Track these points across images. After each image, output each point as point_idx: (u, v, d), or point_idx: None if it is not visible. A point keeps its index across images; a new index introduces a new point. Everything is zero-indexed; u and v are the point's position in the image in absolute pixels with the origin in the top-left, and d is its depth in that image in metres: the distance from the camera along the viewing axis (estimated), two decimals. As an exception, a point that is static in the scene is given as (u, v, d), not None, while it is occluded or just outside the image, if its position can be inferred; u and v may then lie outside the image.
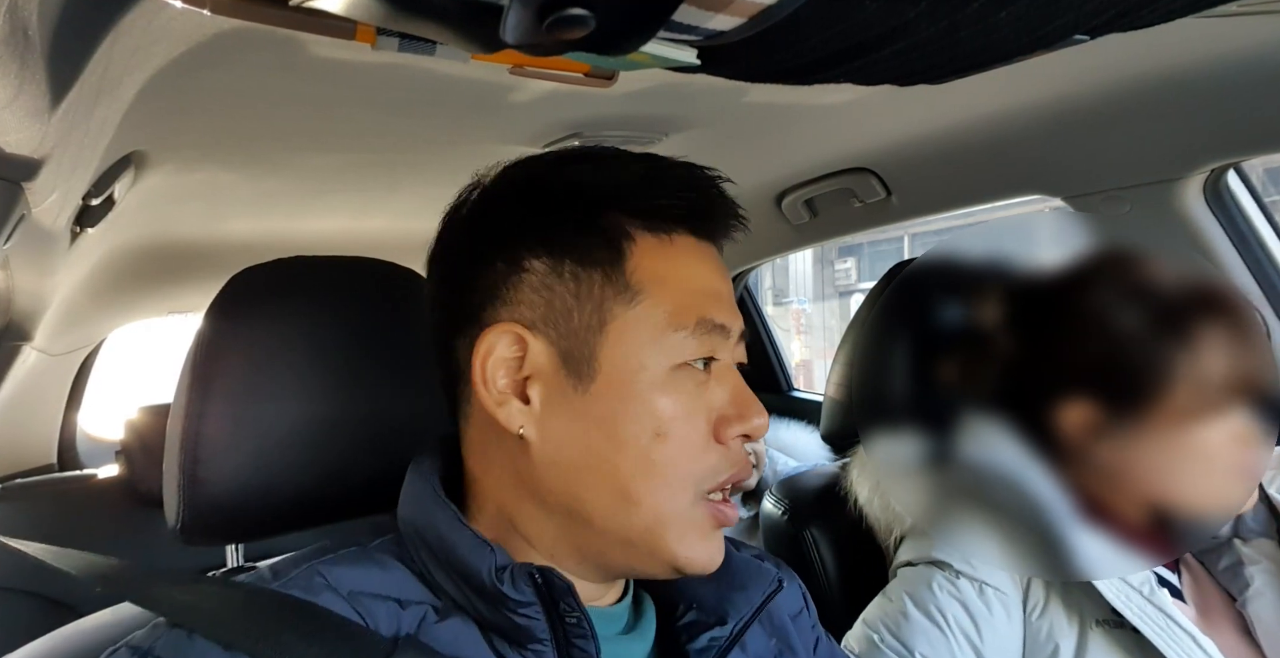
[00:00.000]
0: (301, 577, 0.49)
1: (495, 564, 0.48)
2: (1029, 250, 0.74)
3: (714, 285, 0.53)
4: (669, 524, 0.50)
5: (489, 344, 0.51)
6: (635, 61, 0.44)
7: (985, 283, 0.74)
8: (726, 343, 0.52)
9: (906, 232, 5.64)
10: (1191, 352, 0.67)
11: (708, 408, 0.51)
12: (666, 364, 0.50)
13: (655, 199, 0.52)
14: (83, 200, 0.96)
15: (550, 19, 0.32)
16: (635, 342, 0.50)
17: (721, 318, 0.52)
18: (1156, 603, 0.73)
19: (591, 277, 0.51)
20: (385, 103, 0.94)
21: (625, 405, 0.49)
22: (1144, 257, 0.71)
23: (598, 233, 0.51)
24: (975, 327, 0.75)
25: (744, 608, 0.57)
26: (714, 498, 0.52)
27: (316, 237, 1.60)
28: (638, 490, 0.49)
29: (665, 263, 0.52)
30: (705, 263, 0.54)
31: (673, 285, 0.51)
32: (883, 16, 0.40)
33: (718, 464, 0.51)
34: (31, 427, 2.03)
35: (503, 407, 0.51)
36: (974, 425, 0.73)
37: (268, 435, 0.61)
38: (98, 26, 0.57)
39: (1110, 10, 0.45)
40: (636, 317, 0.50)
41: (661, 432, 0.49)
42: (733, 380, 0.53)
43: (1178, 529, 0.71)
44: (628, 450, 0.49)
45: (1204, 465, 0.69)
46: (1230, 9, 0.62)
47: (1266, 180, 1.18)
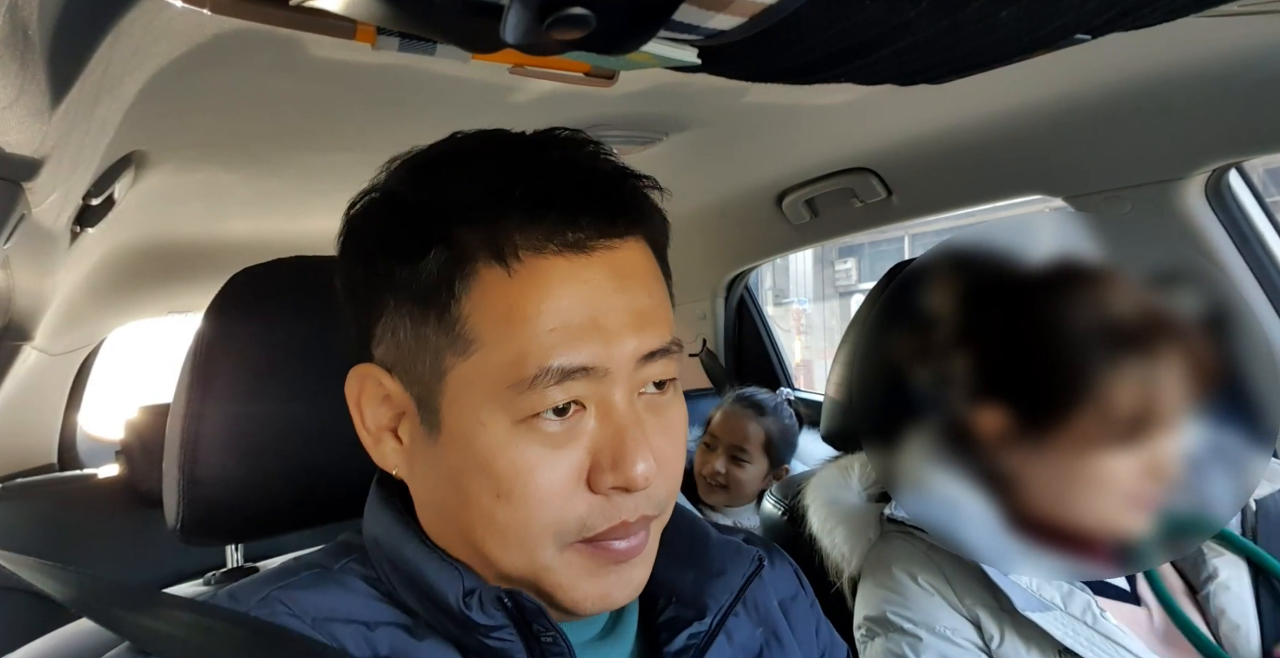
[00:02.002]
0: (261, 606, 0.46)
1: (463, 588, 0.46)
2: (1026, 251, 0.74)
3: (582, 314, 0.44)
4: (539, 574, 0.46)
5: (356, 384, 0.49)
6: (636, 61, 0.44)
7: (972, 283, 0.74)
8: (603, 382, 0.45)
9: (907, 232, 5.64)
10: (1105, 383, 0.67)
11: (573, 455, 0.45)
12: (509, 420, 0.44)
13: (496, 218, 0.44)
14: (83, 200, 0.96)
15: (550, 19, 0.32)
16: (472, 397, 0.44)
17: (582, 359, 0.44)
18: (1102, 631, 0.73)
19: (427, 320, 0.45)
20: (385, 103, 0.94)
21: (466, 462, 0.45)
22: (1100, 276, 0.71)
23: (430, 268, 0.45)
24: (932, 326, 0.75)
25: (723, 596, 0.54)
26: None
27: (316, 237, 1.60)
28: (489, 548, 0.46)
29: (508, 299, 0.44)
30: (574, 286, 0.44)
31: (515, 328, 0.43)
32: (883, 16, 0.40)
33: (585, 516, 0.45)
34: (32, 427, 2.03)
35: (378, 445, 0.49)
36: (922, 423, 0.74)
37: (267, 435, 0.61)
38: (98, 27, 0.57)
39: (1111, 10, 0.45)
40: (472, 369, 0.44)
41: (503, 492, 0.44)
42: (615, 422, 0.45)
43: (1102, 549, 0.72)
44: (472, 509, 0.45)
45: (1099, 492, 0.69)
46: (1231, 9, 0.62)
47: (1268, 180, 1.18)
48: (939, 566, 0.80)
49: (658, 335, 0.47)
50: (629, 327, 0.45)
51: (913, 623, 0.78)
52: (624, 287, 0.46)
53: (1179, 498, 0.70)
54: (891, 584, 0.81)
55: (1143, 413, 0.67)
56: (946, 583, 0.79)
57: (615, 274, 0.46)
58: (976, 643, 0.76)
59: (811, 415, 1.71)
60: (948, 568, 0.79)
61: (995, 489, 0.72)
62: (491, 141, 0.48)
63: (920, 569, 0.80)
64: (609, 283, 0.46)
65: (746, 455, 1.61)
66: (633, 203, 0.48)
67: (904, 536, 0.84)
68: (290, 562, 0.52)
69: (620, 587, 0.48)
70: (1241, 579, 0.80)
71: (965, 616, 0.77)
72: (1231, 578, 0.79)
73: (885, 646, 0.79)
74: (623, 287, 0.46)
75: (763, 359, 2.13)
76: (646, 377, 0.47)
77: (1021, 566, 0.75)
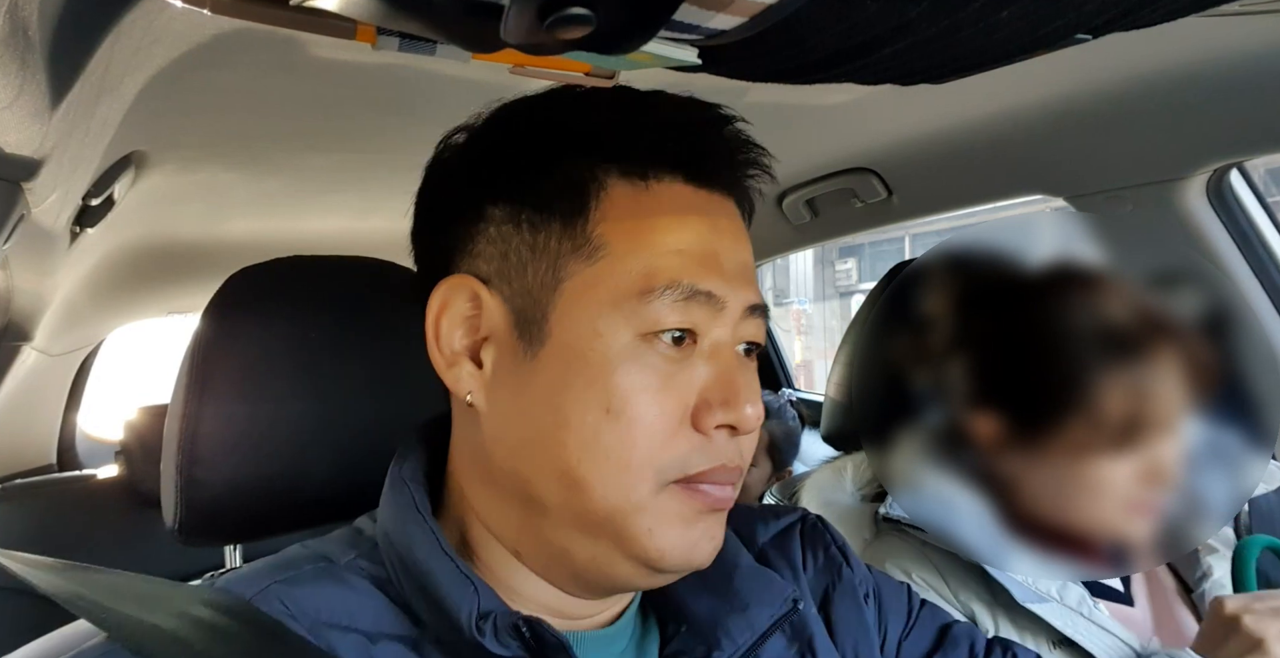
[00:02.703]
0: (260, 600, 0.43)
1: (478, 609, 0.42)
2: (1022, 253, 0.74)
3: (706, 245, 0.44)
4: (629, 514, 0.43)
5: (442, 298, 0.46)
6: (636, 61, 0.44)
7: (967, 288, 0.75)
8: (719, 317, 0.44)
9: (907, 232, 5.64)
10: (1098, 389, 0.67)
11: (683, 388, 0.43)
12: (629, 333, 0.42)
13: (633, 137, 0.45)
14: (83, 200, 0.96)
15: (551, 18, 0.32)
16: (591, 304, 0.43)
17: (708, 284, 0.43)
18: (1098, 622, 0.74)
19: (549, 228, 0.44)
20: (385, 103, 0.94)
21: (574, 376, 0.42)
22: (1095, 280, 0.70)
23: (560, 177, 0.44)
24: (928, 330, 0.76)
25: (742, 635, 0.48)
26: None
27: (316, 237, 1.60)
28: (585, 474, 0.42)
29: (640, 214, 0.44)
30: (699, 217, 0.45)
31: (645, 241, 0.43)
32: (884, 16, 0.40)
33: (688, 455, 0.43)
34: (31, 427, 2.03)
35: (452, 369, 0.46)
36: (920, 425, 0.74)
37: (265, 435, 0.61)
38: (98, 27, 0.56)
39: (1112, 10, 0.45)
40: (595, 275, 0.43)
41: (613, 409, 0.42)
42: (724, 361, 0.44)
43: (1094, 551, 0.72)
44: (573, 428, 0.42)
45: (1097, 498, 0.69)
46: (1232, 8, 0.62)
47: (1269, 180, 1.18)
48: (933, 562, 0.80)
49: (759, 294, 0.47)
50: (740, 274, 0.46)
51: None
52: (738, 235, 0.47)
53: (1178, 502, 0.70)
54: None
55: (1137, 419, 0.67)
56: (941, 579, 0.79)
57: (732, 222, 0.47)
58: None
59: (812, 416, 1.72)
60: (942, 564, 0.80)
61: (992, 491, 0.72)
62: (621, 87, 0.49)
63: (915, 566, 0.81)
64: (729, 227, 0.46)
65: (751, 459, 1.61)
66: (749, 163, 0.49)
67: (898, 533, 0.85)
68: (293, 549, 0.48)
69: (705, 541, 0.45)
70: None
71: (960, 610, 0.78)
72: (1226, 576, 0.80)
73: None
74: (737, 234, 0.47)
75: (763, 359, 2.12)
76: (747, 333, 0.46)
77: (1018, 564, 0.76)
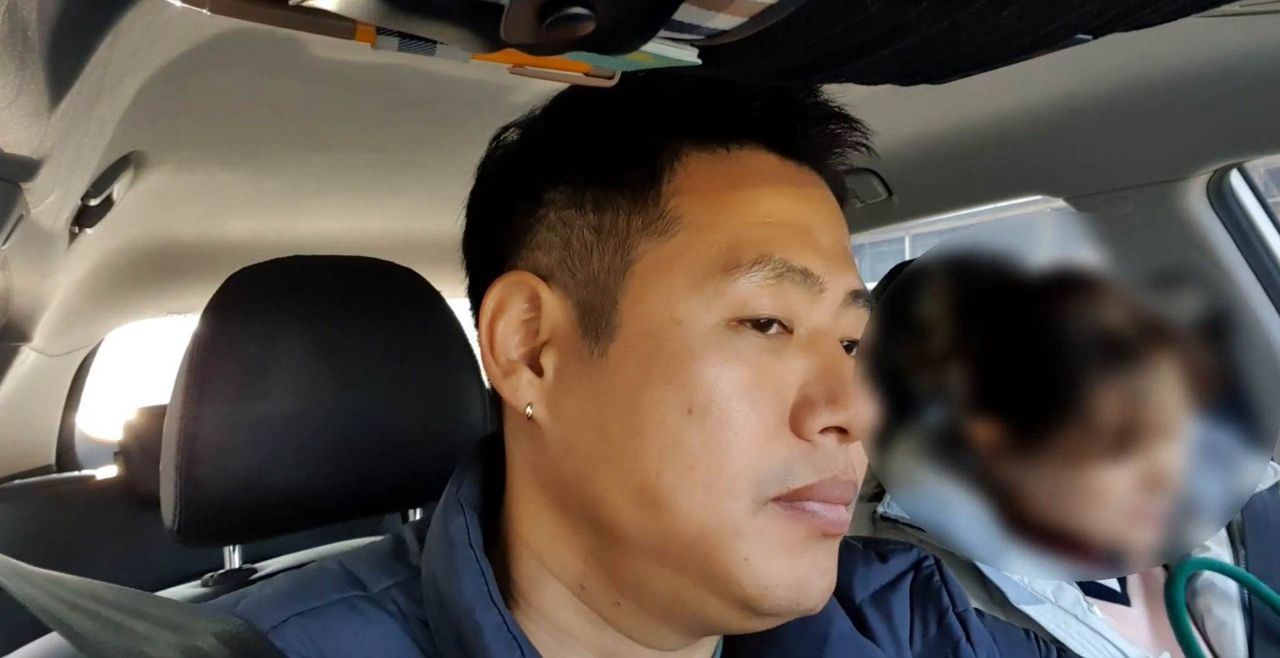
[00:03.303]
0: (278, 635, 0.38)
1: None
2: (1019, 256, 0.74)
3: (800, 218, 0.38)
4: (722, 538, 0.35)
5: (497, 299, 0.41)
6: (636, 61, 0.44)
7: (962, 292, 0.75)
8: (818, 300, 0.38)
9: (908, 232, 5.63)
10: (1094, 396, 0.67)
11: (780, 385, 0.37)
12: (713, 318, 0.36)
13: (709, 104, 0.39)
14: (82, 201, 0.96)
15: (551, 18, 0.32)
16: (667, 287, 0.37)
17: (804, 261, 0.37)
18: (1090, 625, 0.74)
19: (617, 204, 0.39)
20: (385, 103, 0.94)
21: (649, 372, 0.36)
22: (1092, 283, 0.70)
23: (628, 149, 0.39)
24: (925, 335, 0.76)
25: None
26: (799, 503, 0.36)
27: (316, 237, 1.60)
28: (665, 489, 0.35)
29: (721, 184, 0.38)
30: (790, 187, 0.39)
31: (729, 211, 0.37)
32: (884, 16, 0.40)
33: (790, 464, 0.37)
34: (30, 428, 2.03)
35: (509, 378, 0.40)
36: (919, 428, 0.74)
37: (264, 436, 0.61)
38: (97, 26, 0.56)
39: (1113, 10, 0.44)
40: (671, 253, 0.37)
41: (697, 408, 0.35)
42: (827, 354, 0.38)
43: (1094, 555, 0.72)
44: (650, 434, 0.36)
45: (1098, 505, 0.69)
46: (1233, 9, 0.62)
47: (1269, 181, 1.18)
48: None
49: (861, 280, 0.40)
50: (840, 254, 0.39)
51: None
52: (833, 213, 0.40)
53: (1178, 506, 0.70)
54: None
55: (1136, 426, 0.67)
56: None
57: (828, 200, 0.41)
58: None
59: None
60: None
61: (991, 495, 0.72)
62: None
63: None
64: (824, 205, 0.40)
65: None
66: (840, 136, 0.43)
67: (896, 532, 0.85)
68: (328, 564, 0.43)
69: (817, 576, 0.37)
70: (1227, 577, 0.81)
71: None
72: (1215, 576, 0.81)
73: None
74: (832, 213, 0.40)
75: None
76: (849, 326, 0.40)
77: (1016, 564, 0.76)
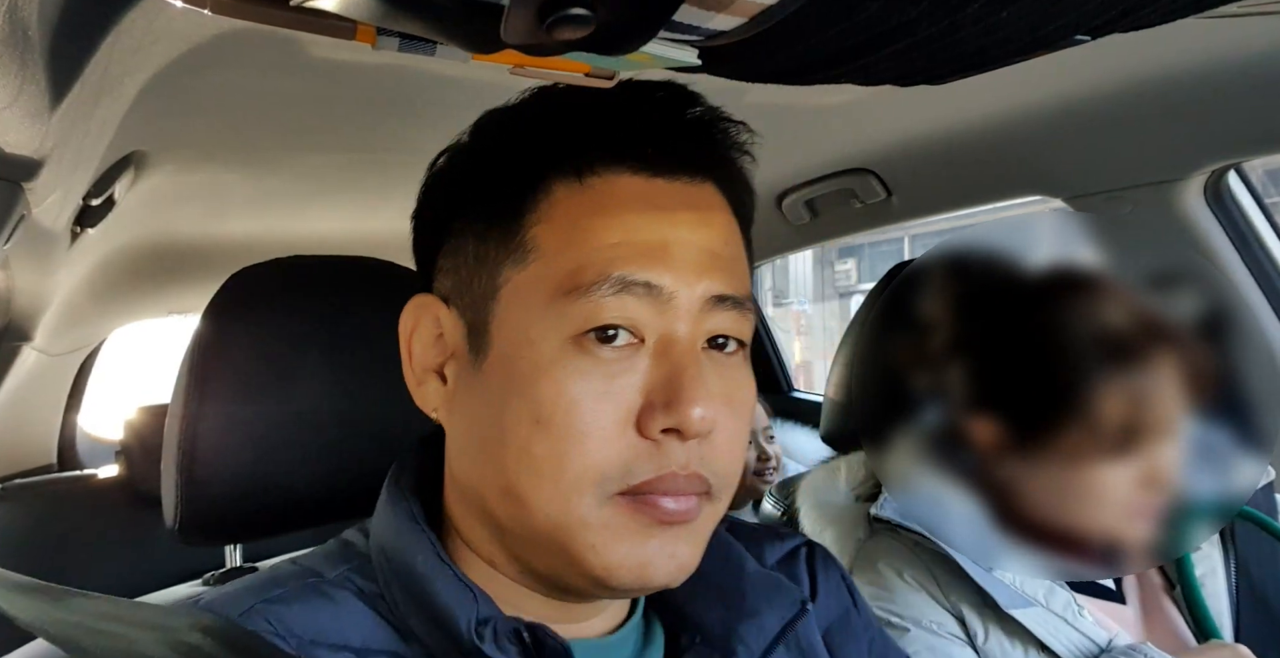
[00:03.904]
0: (245, 620, 0.41)
1: (477, 615, 0.40)
2: (1019, 256, 0.74)
3: (652, 235, 0.41)
4: (572, 530, 0.41)
5: (412, 318, 0.47)
6: (636, 62, 0.44)
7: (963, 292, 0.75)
8: (666, 309, 0.41)
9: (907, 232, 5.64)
10: (1094, 395, 0.67)
11: (625, 391, 0.40)
12: (560, 337, 0.40)
13: (570, 137, 0.43)
14: (83, 200, 0.96)
15: (551, 19, 0.32)
16: (524, 310, 0.42)
17: (647, 275, 0.40)
18: (1081, 629, 0.74)
19: (489, 235, 0.43)
20: (386, 103, 0.94)
21: (508, 387, 0.41)
22: (1092, 283, 0.70)
23: (500, 184, 0.44)
24: (925, 334, 0.76)
25: (756, 641, 0.47)
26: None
27: (316, 237, 1.60)
28: (523, 490, 0.41)
29: (577, 212, 0.42)
30: (645, 208, 0.42)
31: (578, 239, 0.41)
32: (884, 16, 0.40)
33: (629, 464, 0.40)
34: (31, 427, 2.03)
35: (421, 387, 0.46)
36: (918, 428, 0.74)
37: (265, 435, 0.61)
38: (98, 27, 0.57)
39: (1112, 10, 0.45)
40: (528, 279, 0.42)
41: (543, 419, 0.40)
42: (675, 360, 0.41)
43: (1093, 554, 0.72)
44: (509, 442, 0.41)
45: (1097, 503, 0.69)
46: (1231, 9, 0.62)
47: (1267, 181, 1.18)
48: (925, 563, 0.81)
49: (730, 283, 0.43)
50: (700, 262, 0.42)
51: (899, 617, 0.79)
52: (700, 223, 0.43)
53: (1176, 505, 0.70)
54: (879, 581, 0.82)
55: (1134, 424, 0.67)
56: (932, 579, 0.80)
57: (692, 209, 0.44)
58: (962, 638, 0.77)
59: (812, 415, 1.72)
60: (933, 565, 0.80)
61: (989, 494, 0.72)
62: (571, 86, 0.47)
63: (906, 566, 0.81)
64: (686, 214, 0.43)
65: (769, 428, 1.65)
66: (716, 143, 0.46)
67: (891, 534, 0.85)
68: (282, 565, 0.48)
69: (662, 559, 0.41)
70: (1217, 574, 0.80)
71: (950, 611, 0.78)
72: (1208, 573, 0.80)
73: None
74: (699, 222, 0.43)
75: (763, 360, 2.13)
76: (715, 326, 0.43)
77: (1010, 564, 0.76)
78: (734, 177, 0.48)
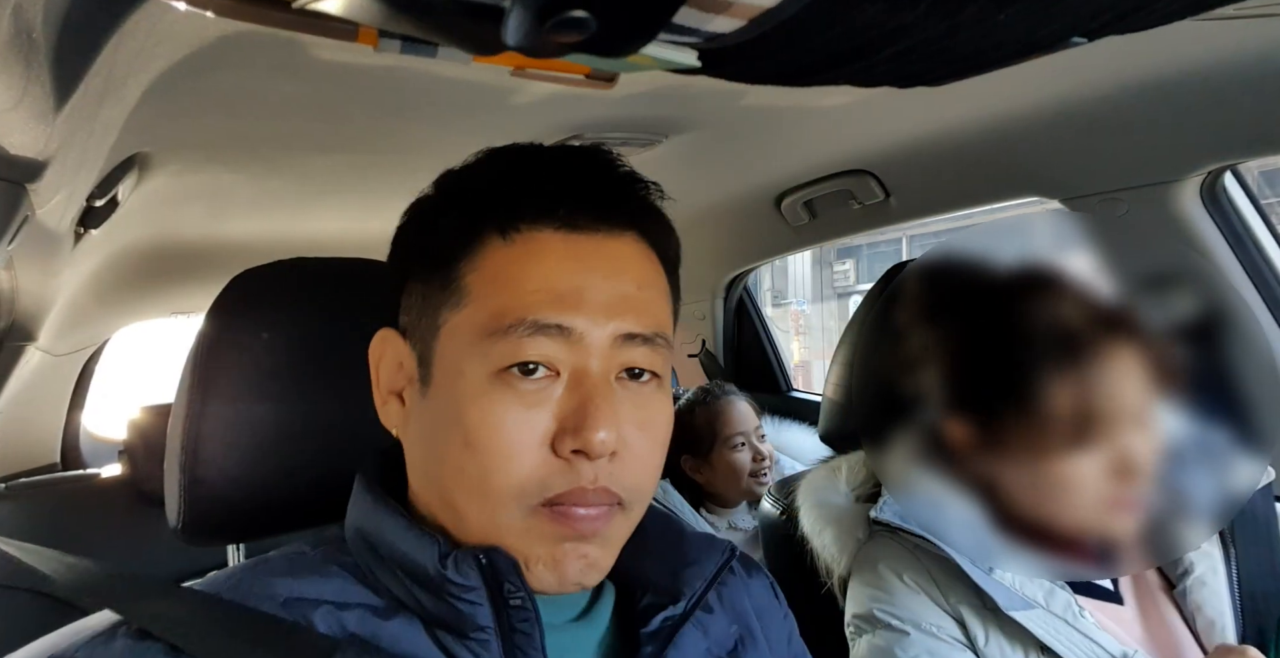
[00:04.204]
0: (232, 589, 0.49)
1: (439, 552, 0.47)
2: (991, 258, 0.75)
3: (566, 284, 0.48)
4: (501, 537, 0.48)
5: (377, 348, 0.54)
6: (636, 63, 0.44)
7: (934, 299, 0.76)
8: (577, 348, 0.47)
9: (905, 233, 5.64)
10: (1051, 385, 0.68)
11: (540, 417, 0.47)
12: (485, 371, 0.47)
13: (501, 197, 0.50)
14: (86, 202, 0.97)
15: (551, 21, 0.32)
16: (457, 347, 0.48)
17: (559, 318, 0.47)
18: (1081, 630, 0.73)
19: (433, 280, 0.50)
20: (387, 105, 0.94)
21: (445, 413, 0.48)
22: (1049, 285, 0.71)
23: (442, 236, 0.50)
24: (905, 340, 0.77)
25: (696, 582, 0.56)
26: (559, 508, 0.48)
27: (319, 238, 1.60)
28: (459, 503, 0.48)
29: (504, 262, 0.48)
30: (562, 260, 0.48)
31: (503, 287, 0.48)
32: (882, 19, 0.41)
33: (545, 480, 0.47)
34: (35, 426, 2.04)
35: (385, 406, 0.54)
36: (907, 429, 0.75)
37: (268, 435, 0.62)
38: (102, 29, 0.57)
39: (1108, 13, 0.45)
40: (461, 320, 0.48)
41: (470, 442, 0.47)
42: (586, 390, 0.47)
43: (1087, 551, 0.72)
44: (446, 460, 0.48)
45: (1071, 494, 0.69)
46: (1227, 12, 0.63)
47: (1262, 182, 1.19)
48: (924, 565, 0.81)
49: (641, 322, 0.49)
50: (610, 306, 0.48)
51: (899, 620, 0.79)
52: (614, 270, 0.50)
53: (1162, 500, 0.70)
54: (879, 583, 0.82)
55: (1089, 413, 0.68)
56: (932, 582, 0.79)
57: (607, 259, 0.50)
58: (962, 641, 0.77)
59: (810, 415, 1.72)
60: (933, 568, 0.80)
61: (976, 493, 0.73)
62: (515, 147, 0.53)
63: (906, 568, 0.81)
64: (600, 264, 0.49)
65: (759, 428, 1.66)
66: (630, 199, 0.52)
67: (890, 536, 0.85)
68: (271, 552, 0.54)
69: (574, 560, 0.48)
70: (1217, 574, 0.80)
71: (950, 614, 0.78)
72: (1208, 572, 0.80)
73: (872, 642, 0.80)
74: (613, 270, 0.50)
75: (761, 360, 2.13)
76: (626, 360, 0.49)
77: (1007, 563, 0.76)
78: (654, 226, 0.53)
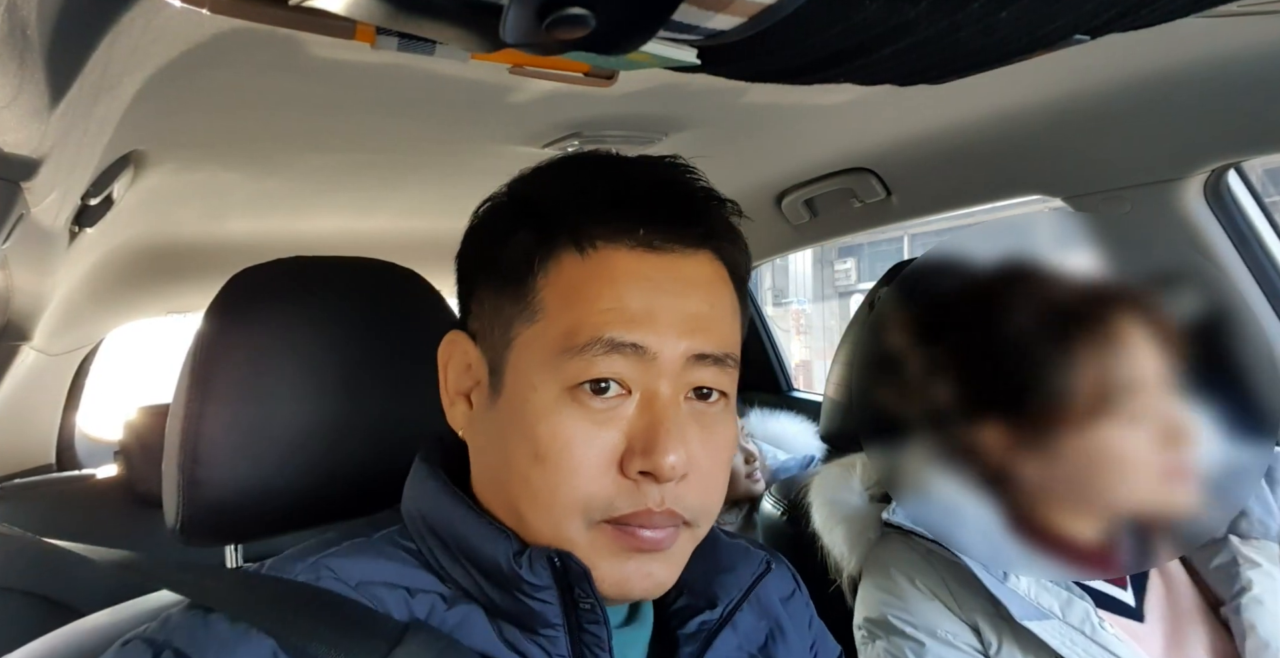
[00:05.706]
0: (307, 571, 0.50)
1: (513, 550, 0.48)
2: (969, 265, 0.75)
3: (640, 303, 0.48)
4: (565, 546, 0.48)
5: (446, 349, 0.54)
6: (635, 61, 0.44)
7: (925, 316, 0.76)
8: (650, 367, 0.48)
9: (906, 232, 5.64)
10: (1070, 363, 0.68)
11: (610, 436, 0.47)
12: (557, 387, 0.48)
13: (578, 212, 0.50)
14: (82, 200, 0.96)
15: (550, 18, 0.32)
16: (530, 361, 0.49)
17: (633, 337, 0.47)
18: (1099, 642, 0.72)
19: (506, 293, 0.51)
20: (385, 103, 0.94)
21: (515, 425, 0.49)
22: (1037, 269, 0.71)
23: (515, 249, 0.51)
24: (905, 364, 0.76)
25: (733, 590, 0.57)
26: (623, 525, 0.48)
27: (316, 236, 1.60)
28: (524, 511, 0.49)
29: (579, 279, 0.49)
30: (636, 279, 0.49)
31: (577, 303, 0.48)
32: (883, 16, 0.40)
33: (613, 498, 0.47)
34: (30, 427, 2.03)
35: (452, 407, 0.54)
36: (913, 443, 0.75)
37: (267, 436, 0.61)
38: (97, 26, 0.56)
39: (1111, 10, 0.45)
40: (534, 335, 0.49)
41: (539, 456, 0.47)
42: (657, 411, 0.48)
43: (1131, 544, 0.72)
44: (513, 471, 0.49)
45: (1126, 470, 0.69)
46: (1230, 9, 0.62)
47: (1266, 180, 1.18)
48: (937, 570, 0.79)
49: (712, 342, 0.50)
50: (681, 325, 0.49)
51: (914, 627, 0.78)
52: (685, 291, 0.50)
53: (1209, 459, 0.69)
54: (891, 587, 0.81)
55: (1114, 384, 0.68)
56: (945, 588, 0.78)
57: (678, 278, 0.50)
58: (977, 648, 0.76)
59: (810, 414, 1.72)
60: (946, 573, 0.79)
61: (1002, 495, 0.72)
62: (593, 156, 0.54)
63: (919, 574, 0.80)
64: (671, 284, 0.50)
65: (743, 426, 1.70)
66: (707, 219, 0.52)
67: (903, 538, 0.84)
68: (329, 534, 0.54)
69: (639, 577, 0.49)
70: (1276, 593, 0.76)
71: (964, 621, 0.77)
72: (1266, 593, 0.75)
73: (887, 649, 0.79)
74: (684, 291, 0.50)
75: (762, 359, 2.13)
76: (695, 379, 0.50)
77: (1021, 567, 0.75)
78: (729, 245, 0.54)
